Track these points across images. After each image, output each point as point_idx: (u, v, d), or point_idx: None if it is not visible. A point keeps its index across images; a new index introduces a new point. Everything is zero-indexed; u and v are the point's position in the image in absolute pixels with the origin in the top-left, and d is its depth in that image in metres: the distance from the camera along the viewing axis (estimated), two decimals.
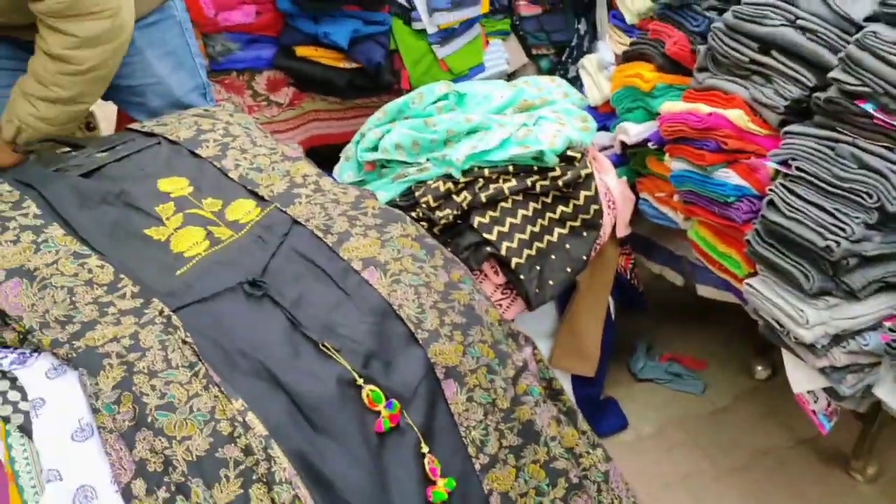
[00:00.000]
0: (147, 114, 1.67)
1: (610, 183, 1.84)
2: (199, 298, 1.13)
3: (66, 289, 1.10)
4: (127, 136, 1.43)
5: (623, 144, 1.95)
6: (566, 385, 1.93)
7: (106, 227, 1.20)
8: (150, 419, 0.98)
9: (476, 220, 1.66)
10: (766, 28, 1.55)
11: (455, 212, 1.65)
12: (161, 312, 1.10)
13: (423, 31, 2.30)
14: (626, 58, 1.94)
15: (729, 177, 1.59)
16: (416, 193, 1.67)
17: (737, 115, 1.55)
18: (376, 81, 2.31)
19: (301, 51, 2.22)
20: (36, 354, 1.05)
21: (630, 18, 1.98)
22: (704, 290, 2.03)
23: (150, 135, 1.43)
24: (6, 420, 0.99)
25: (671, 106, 1.69)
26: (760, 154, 1.55)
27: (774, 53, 1.55)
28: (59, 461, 0.95)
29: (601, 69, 2.07)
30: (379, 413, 1.11)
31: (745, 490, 1.88)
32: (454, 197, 1.67)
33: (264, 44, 2.23)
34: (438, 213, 1.65)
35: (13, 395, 1.01)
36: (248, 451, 1.00)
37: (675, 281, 2.14)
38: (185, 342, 1.07)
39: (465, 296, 1.30)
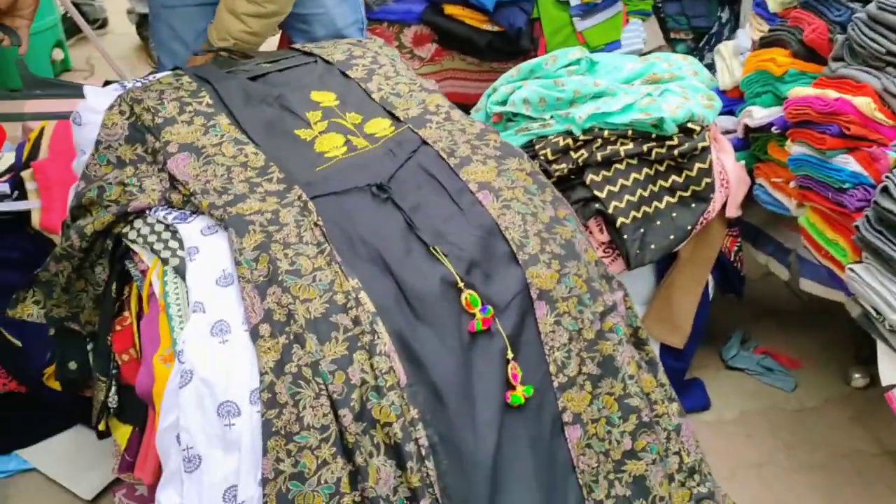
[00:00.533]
0: (309, 41, 1.86)
1: (727, 163, 1.88)
2: (332, 191, 1.29)
3: (225, 167, 1.29)
4: (289, 53, 1.62)
5: (746, 128, 1.97)
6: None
7: (263, 123, 1.38)
8: (280, 278, 1.15)
9: (589, 178, 1.75)
10: None
11: (570, 166, 1.75)
12: (299, 198, 1.26)
13: (566, 3, 2.40)
14: (762, 44, 1.96)
15: (847, 163, 1.60)
16: (537, 146, 1.78)
17: (863, 102, 1.57)
18: (515, 46, 2.43)
19: (449, 9, 2.36)
20: (195, 216, 1.24)
21: (773, 6, 1.99)
22: (808, 285, 2.03)
23: (309, 54, 1.61)
24: (165, 262, 1.19)
25: (800, 90, 1.72)
26: (883, 144, 1.55)
27: None
28: (204, 298, 1.13)
29: (736, 55, 2.10)
30: (474, 315, 1.23)
31: (819, 487, 1.88)
32: (571, 153, 1.76)
33: None
34: (555, 167, 1.75)
35: (173, 244, 1.20)
36: (356, 321, 1.15)
37: (781, 274, 2.14)
38: (316, 224, 1.23)
39: (568, 232, 1.40)
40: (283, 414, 1.06)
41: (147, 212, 1.25)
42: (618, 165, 1.76)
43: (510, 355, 1.25)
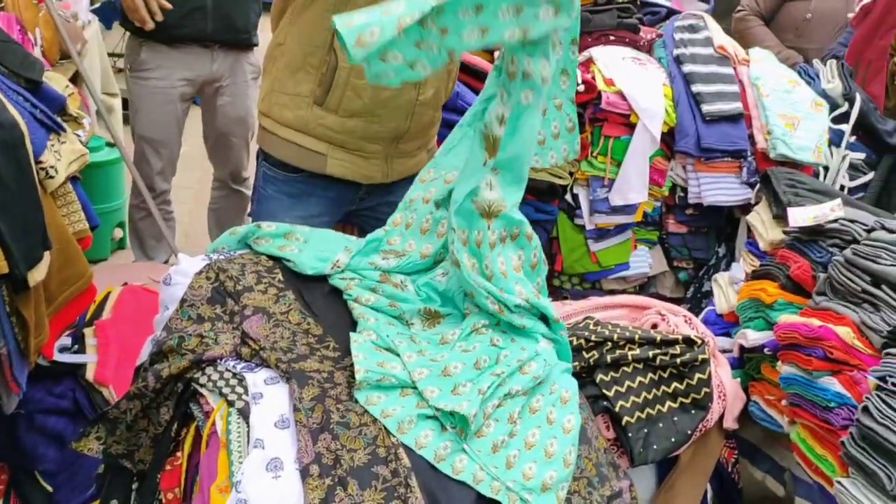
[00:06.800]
0: None
1: (724, 378, 2.06)
2: None
3: (291, 331, 1.50)
4: None
5: (741, 349, 2.18)
6: None
7: (326, 301, 1.60)
8: (331, 427, 1.31)
9: (599, 377, 1.94)
10: (880, 266, 1.83)
11: (582, 364, 1.94)
12: (351, 365, 1.45)
13: (582, 226, 2.72)
14: (754, 276, 2.23)
15: (832, 384, 1.79)
16: None
17: (844, 332, 1.79)
18: None
19: None
20: (260, 367, 1.42)
21: (763, 246, 2.29)
22: None
23: None
24: (231, 404, 1.35)
25: (788, 317, 1.95)
26: (862, 369, 1.75)
27: (884, 287, 1.81)
28: (263, 436, 1.28)
29: (731, 284, 2.36)
30: None
31: None
32: (584, 352, 1.96)
33: None
34: None
35: (239, 389, 1.38)
36: (395, 474, 1.29)
37: (777, 491, 2.25)
38: None
39: (582, 419, 1.57)
40: None
41: (219, 361, 1.44)
42: (625, 368, 1.95)
43: None
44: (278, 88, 2.06)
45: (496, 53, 2.67)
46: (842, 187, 2.79)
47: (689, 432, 1.94)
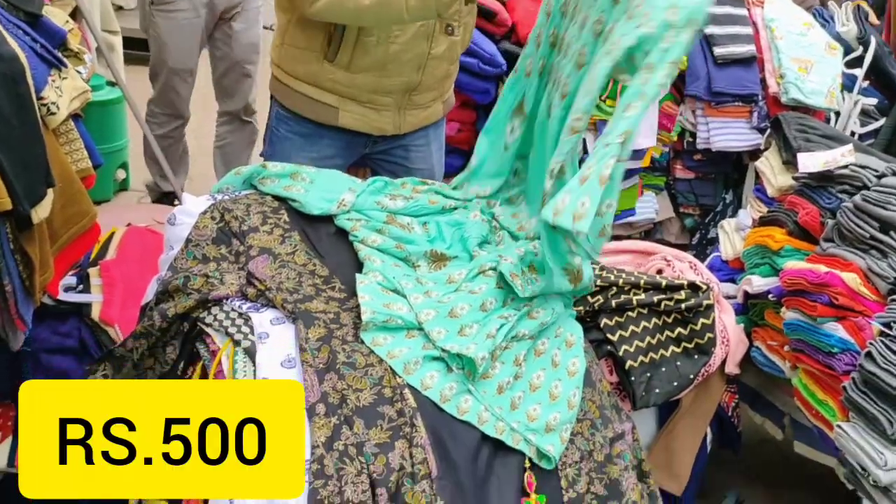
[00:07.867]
0: None
1: (728, 323, 2.07)
2: None
3: (297, 272, 1.49)
4: None
5: (745, 295, 2.18)
6: None
7: (332, 242, 1.59)
8: (337, 367, 1.31)
9: (603, 321, 1.94)
10: (889, 212, 1.81)
11: (587, 309, 1.94)
12: (357, 306, 1.45)
13: None
14: (761, 222, 2.22)
15: (836, 330, 1.79)
16: None
17: (850, 277, 1.78)
18: None
19: None
20: (265, 308, 1.42)
21: (772, 192, 2.27)
22: (801, 448, 2.16)
23: None
24: (237, 343, 1.36)
25: (794, 263, 1.95)
26: (867, 315, 1.75)
27: (893, 234, 1.80)
28: (270, 375, 1.29)
29: (738, 230, 2.35)
30: None
31: None
32: (588, 297, 1.96)
33: (456, 156, 2.69)
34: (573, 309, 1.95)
35: (245, 329, 1.38)
36: (400, 413, 1.30)
37: (776, 435, 2.28)
38: None
39: (587, 362, 1.57)
40: (327, 485, 1.19)
41: (224, 301, 1.43)
42: (630, 313, 1.95)
43: (527, 464, 1.38)
44: (289, 42, 2.06)
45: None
46: (852, 133, 2.76)
47: (692, 377, 1.95)
